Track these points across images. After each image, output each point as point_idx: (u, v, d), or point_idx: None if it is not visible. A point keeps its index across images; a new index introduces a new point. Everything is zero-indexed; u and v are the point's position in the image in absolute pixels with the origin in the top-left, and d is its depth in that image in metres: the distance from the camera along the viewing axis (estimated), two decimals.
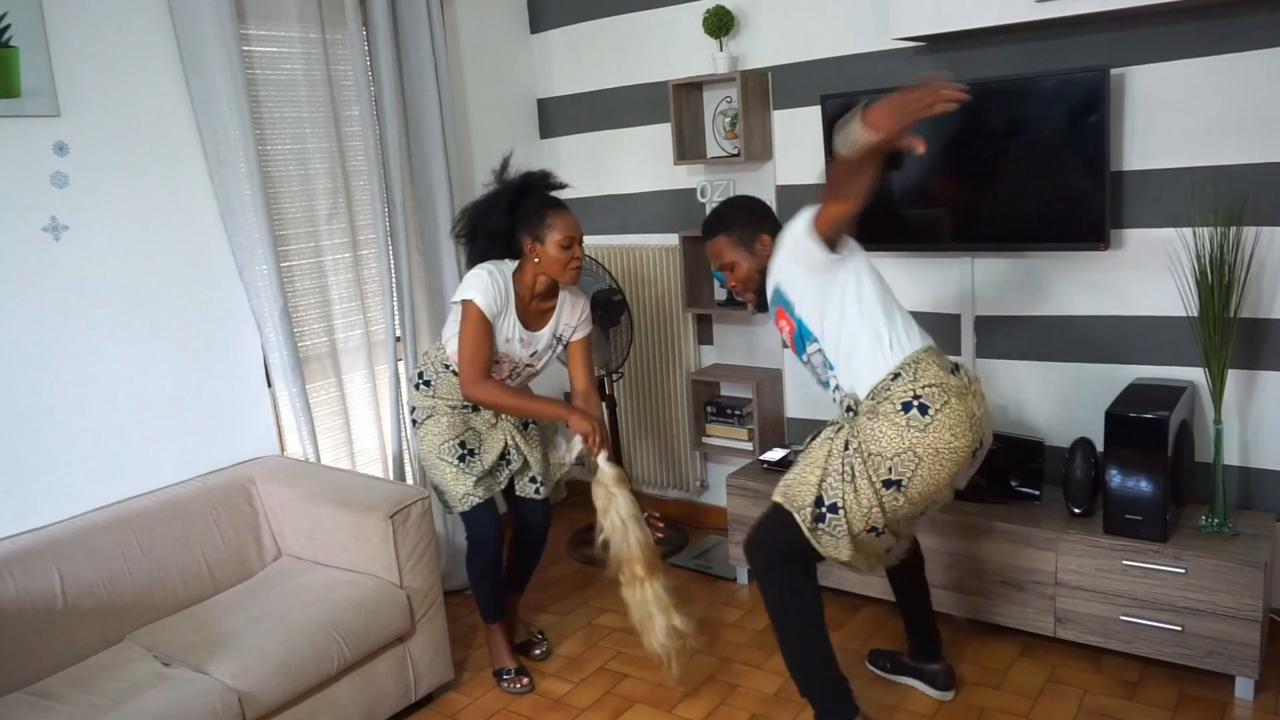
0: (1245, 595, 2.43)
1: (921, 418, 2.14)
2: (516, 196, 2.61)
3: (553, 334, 2.73)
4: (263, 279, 2.90)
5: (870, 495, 2.18)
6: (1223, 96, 2.61)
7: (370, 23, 3.17)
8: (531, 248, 2.57)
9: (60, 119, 2.52)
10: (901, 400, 2.16)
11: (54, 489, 2.55)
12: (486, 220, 2.63)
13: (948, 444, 2.15)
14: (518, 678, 2.85)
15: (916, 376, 2.17)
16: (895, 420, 2.15)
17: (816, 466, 2.24)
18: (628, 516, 2.51)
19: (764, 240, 2.38)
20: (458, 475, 2.70)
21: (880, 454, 2.15)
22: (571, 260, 2.57)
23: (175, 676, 2.25)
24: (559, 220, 2.56)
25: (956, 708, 2.60)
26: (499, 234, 2.62)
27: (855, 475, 2.18)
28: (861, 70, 3.18)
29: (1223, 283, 2.52)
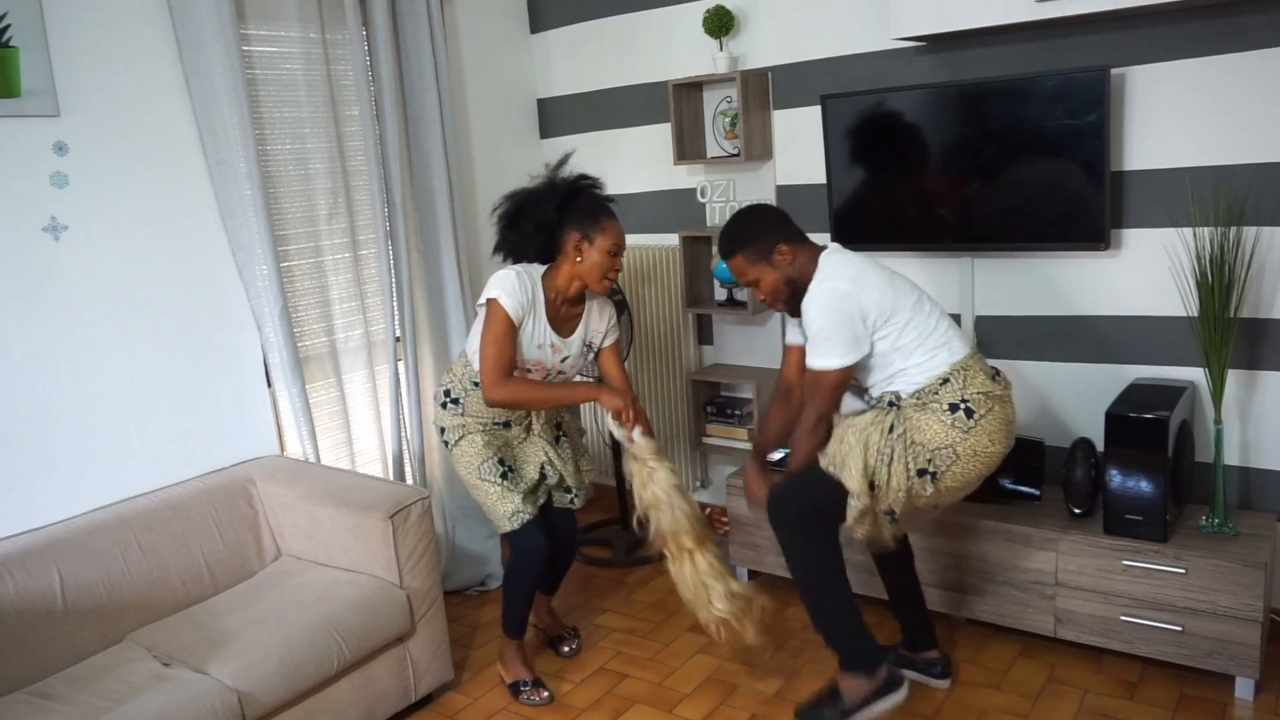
0: (1245, 595, 2.43)
1: (967, 420, 2.25)
2: (570, 194, 2.58)
3: (583, 340, 2.68)
4: (262, 279, 2.90)
5: (902, 479, 2.27)
6: (1223, 96, 2.60)
7: (370, 23, 3.17)
8: (577, 245, 2.51)
9: (60, 119, 2.52)
10: (949, 402, 2.26)
11: (54, 489, 2.55)
12: (535, 208, 2.56)
13: (985, 448, 2.27)
14: (535, 689, 2.78)
15: (965, 383, 2.27)
16: (942, 417, 2.25)
17: (868, 449, 2.29)
18: (670, 488, 2.45)
19: (781, 250, 2.38)
20: (503, 494, 2.63)
21: (923, 444, 2.26)
22: (611, 269, 2.53)
23: (175, 677, 2.25)
24: (612, 226, 2.53)
25: (957, 708, 2.60)
26: (544, 225, 2.56)
27: (893, 459, 2.27)
28: (861, 70, 3.18)
29: (1223, 283, 2.52)
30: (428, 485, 3.43)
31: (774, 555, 3.13)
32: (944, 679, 2.67)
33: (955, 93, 2.89)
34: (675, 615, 3.23)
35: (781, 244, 2.38)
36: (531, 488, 2.70)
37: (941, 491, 2.30)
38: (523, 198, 2.60)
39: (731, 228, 2.47)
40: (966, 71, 2.96)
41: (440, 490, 3.48)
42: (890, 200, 3.11)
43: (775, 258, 2.38)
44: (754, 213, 2.51)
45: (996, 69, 2.91)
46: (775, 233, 2.41)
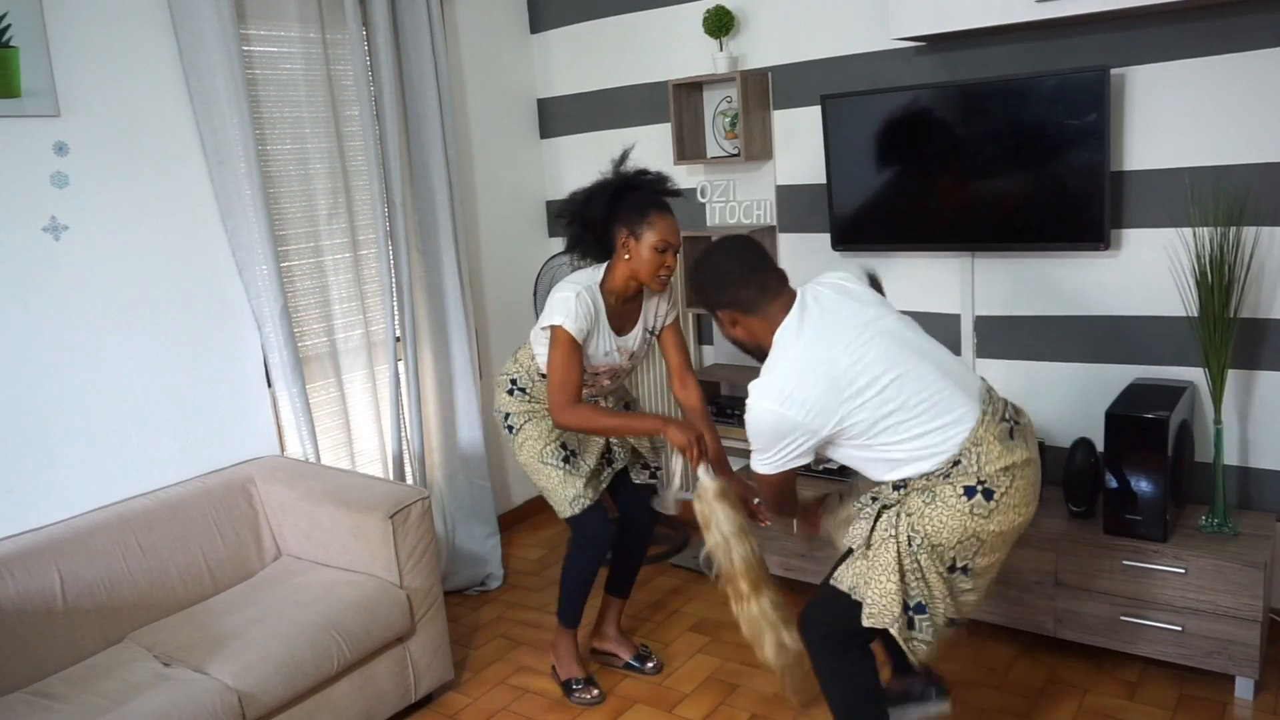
0: (1245, 595, 2.43)
1: (986, 503, 1.92)
2: (623, 189, 2.50)
3: (644, 329, 2.66)
4: (262, 279, 2.90)
5: (941, 587, 1.97)
6: (1223, 96, 2.60)
7: (370, 23, 3.17)
8: (625, 243, 2.47)
9: (60, 119, 2.52)
10: (964, 485, 1.93)
11: (54, 489, 2.55)
12: (587, 206, 2.52)
13: (1012, 522, 1.96)
14: (588, 687, 2.76)
15: (981, 463, 1.92)
16: (956, 506, 1.93)
17: (892, 571, 1.96)
18: (730, 532, 2.28)
19: (719, 317, 2.14)
20: (565, 478, 2.62)
21: (943, 545, 1.95)
22: (663, 267, 2.46)
23: (175, 676, 2.25)
24: (660, 222, 2.44)
25: (957, 708, 2.59)
26: (593, 223, 2.52)
27: (925, 570, 1.96)
28: (861, 70, 3.18)
29: (1223, 283, 2.52)
30: (428, 485, 3.43)
31: (800, 560, 3.13)
32: (944, 699, 2.40)
33: (955, 93, 2.89)
34: (675, 615, 3.24)
35: (720, 311, 2.12)
36: (594, 472, 2.69)
37: (978, 574, 2.01)
38: (580, 197, 2.56)
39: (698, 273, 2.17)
40: (967, 72, 2.96)
41: (440, 490, 3.48)
42: (890, 200, 3.11)
43: (722, 319, 2.13)
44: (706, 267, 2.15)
45: (996, 69, 2.91)
46: (722, 294, 2.09)
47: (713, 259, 2.13)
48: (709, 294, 2.13)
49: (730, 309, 2.09)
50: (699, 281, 2.15)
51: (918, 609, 1.98)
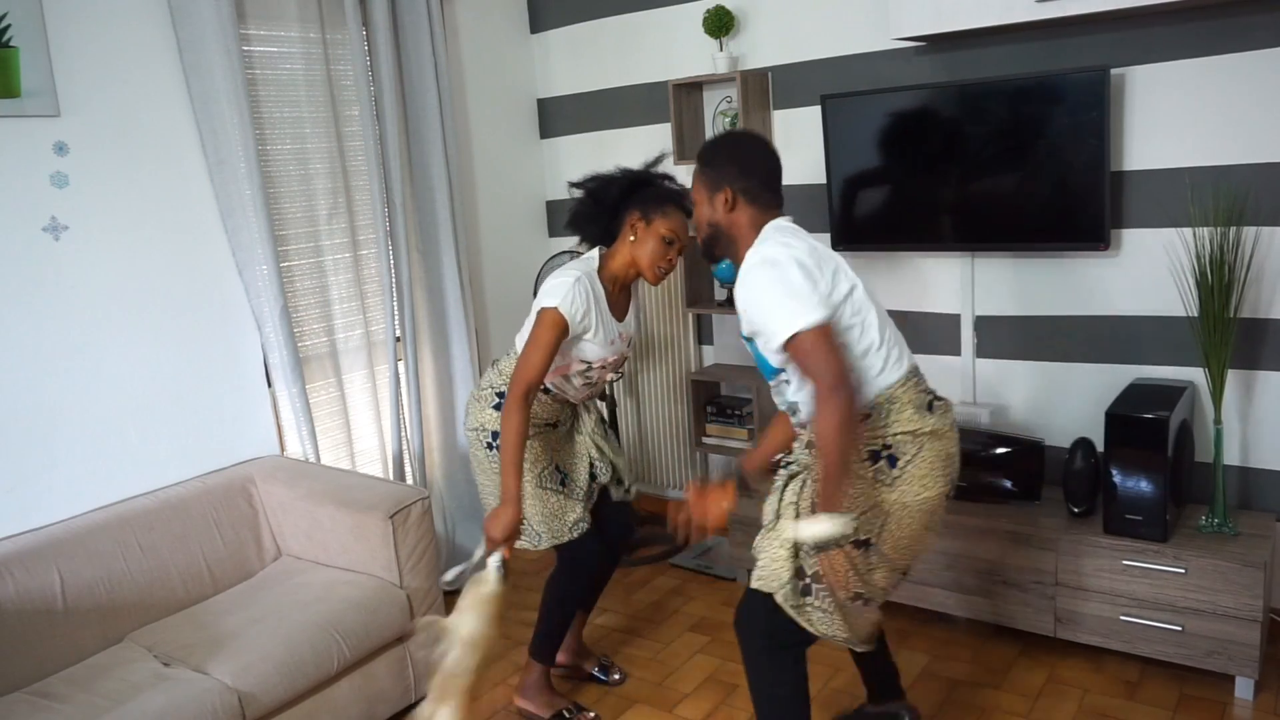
0: (1245, 595, 2.43)
1: (890, 470, 1.92)
2: (645, 184, 2.47)
3: (634, 315, 2.62)
4: (262, 279, 2.90)
5: (842, 559, 1.91)
6: (1223, 96, 2.60)
7: (370, 22, 3.17)
8: (635, 224, 2.41)
9: (60, 119, 2.52)
10: (869, 449, 1.92)
11: (54, 489, 2.55)
12: (606, 186, 2.47)
13: (916, 496, 1.93)
14: (581, 713, 2.65)
15: (889, 421, 1.93)
16: (860, 473, 1.92)
17: (787, 540, 1.97)
18: (467, 638, 2.14)
19: (726, 194, 2.03)
20: (565, 503, 2.55)
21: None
22: (664, 259, 2.41)
23: (175, 676, 2.24)
24: (676, 215, 2.40)
25: (957, 708, 2.60)
26: (605, 203, 2.45)
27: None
28: (861, 70, 3.18)
29: (1223, 283, 2.52)
30: (428, 485, 3.43)
31: None
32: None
33: (955, 93, 2.89)
34: (675, 615, 3.24)
35: (728, 190, 2.03)
36: (586, 492, 2.62)
37: (888, 556, 1.97)
38: (601, 175, 2.50)
39: (713, 142, 2.16)
40: (967, 72, 2.96)
41: (440, 490, 3.48)
42: (890, 200, 3.11)
43: (718, 198, 2.05)
44: (736, 144, 2.12)
45: (997, 69, 2.91)
46: (737, 176, 2.03)
47: (753, 145, 2.10)
48: (729, 169, 2.04)
49: (741, 194, 2.03)
50: (729, 151, 2.08)
51: (815, 578, 1.96)
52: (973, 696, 2.64)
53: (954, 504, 2.85)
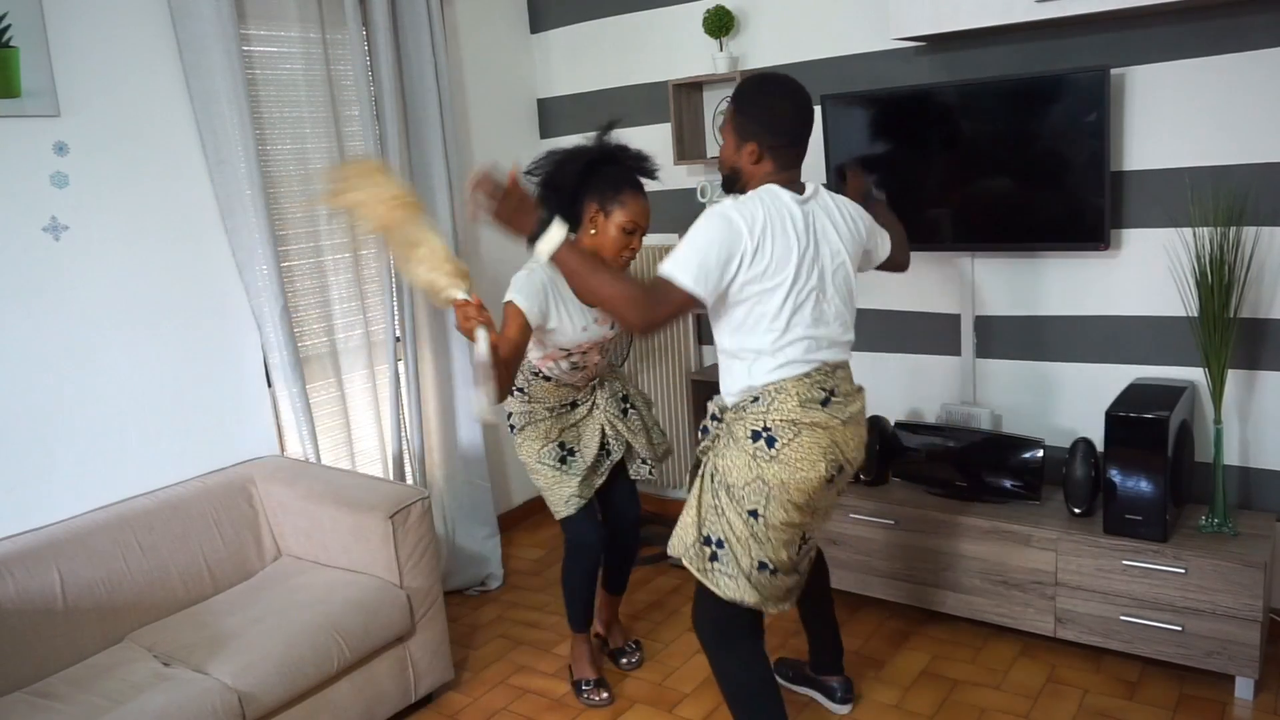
0: (1245, 595, 2.42)
1: (768, 449, 2.03)
2: (600, 161, 2.38)
3: None
4: (263, 279, 2.90)
5: (741, 527, 2.06)
6: (1223, 96, 2.60)
7: (370, 22, 3.17)
8: (593, 217, 2.36)
9: (60, 119, 2.51)
10: (751, 428, 2.04)
11: (54, 489, 2.55)
12: (560, 169, 2.38)
13: (794, 474, 2.02)
14: (597, 689, 2.74)
15: (770, 407, 2.03)
16: (745, 447, 2.04)
17: (692, 506, 2.15)
18: None
19: (753, 148, 2.06)
20: (560, 478, 2.61)
21: (734, 484, 2.05)
22: (627, 249, 2.38)
23: (175, 676, 2.24)
24: (633, 202, 2.34)
25: (956, 708, 2.60)
26: (562, 188, 2.37)
27: (724, 508, 2.07)
28: (861, 70, 3.18)
29: (1223, 283, 2.51)
30: (428, 485, 3.43)
31: None
32: (845, 704, 2.60)
33: (955, 93, 2.89)
34: (675, 615, 3.23)
35: (755, 145, 2.06)
36: (591, 468, 2.65)
37: (777, 528, 2.06)
38: (556, 157, 2.42)
39: (753, 87, 2.10)
40: (966, 72, 2.96)
41: (440, 490, 3.48)
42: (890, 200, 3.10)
43: (745, 145, 2.07)
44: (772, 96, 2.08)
45: (997, 69, 2.90)
46: (768, 134, 2.05)
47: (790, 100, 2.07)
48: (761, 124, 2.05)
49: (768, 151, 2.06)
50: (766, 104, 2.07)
51: (719, 544, 2.09)
52: (972, 696, 2.64)
53: (955, 504, 2.90)
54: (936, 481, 3.01)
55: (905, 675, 2.76)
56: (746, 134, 2.08)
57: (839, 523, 3.04)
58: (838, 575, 3.05)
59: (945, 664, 2.80)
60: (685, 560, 2.15)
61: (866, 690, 2.70)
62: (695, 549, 2.13)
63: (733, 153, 2.12)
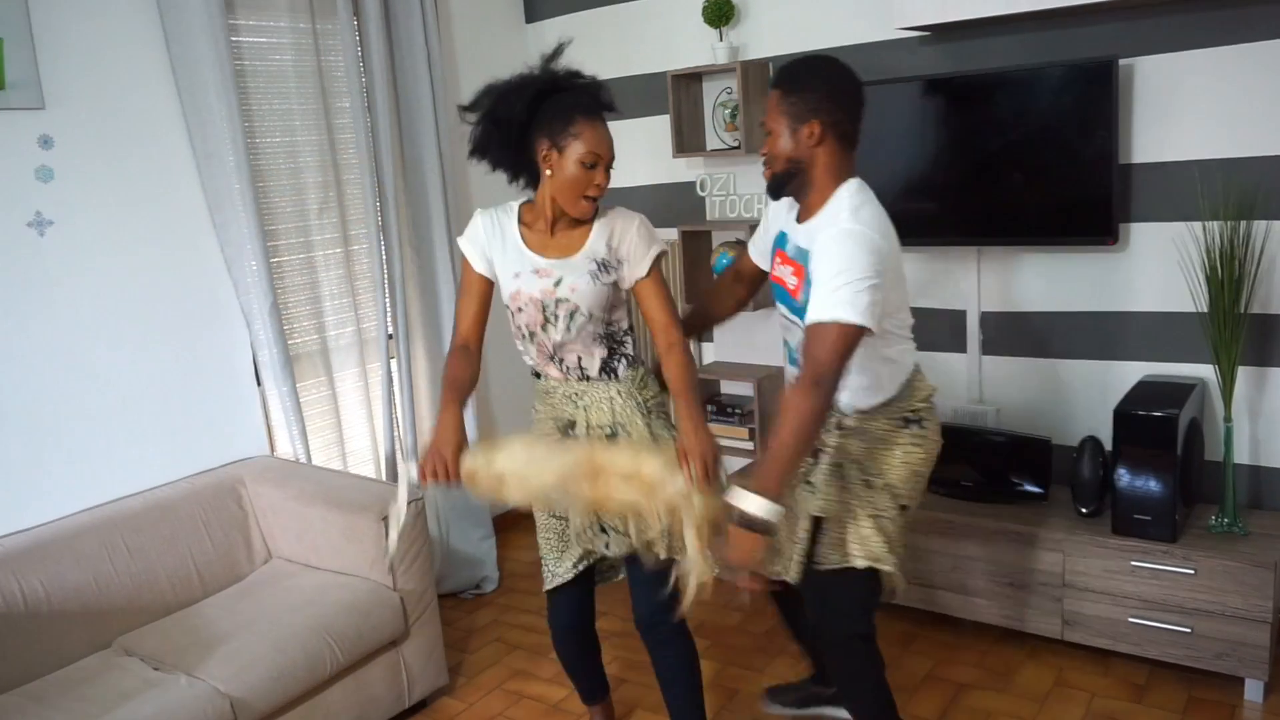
0: (1255, 596, 2.40)
1: (921, 430, 2.03)
2: (549, 91, 2.01)
3: (590, 259, 2.05)
4: (252, 275, 2.85)
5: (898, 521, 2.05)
6: (1233, 87, 2.56)
7: (361, 12, 3.11)
8: (546, 156, 1.98)
9: (45, 111, 2.47)
10: (901, 416, 2.02)
11: (39, 490, 2.51)
12: (504, 104, 2.01)
13: (935, 447, 2.08)
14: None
15: (916, 391, 2.05)
16: (899, 442, 2.02)
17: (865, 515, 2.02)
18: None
19: (814, 127, 1.90)
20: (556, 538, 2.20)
21: (895, 484, 2.02)
22: (591, 185, 1.98)
23: (165, 682, 2.21)
24: (589, 130, 1.96)
25: (963, 711, 2.56)
26: (508, 122, 2.01)
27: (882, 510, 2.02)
28: (865, 61, 3.12)
29: (1233, 278, 2.48)
30: (421, 486, 3.38)
31: None
32: None
33: (960, 84, 2.85)
34: None
35: (817, 123, 1.89)
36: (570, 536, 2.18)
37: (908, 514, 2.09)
38: (498, 90, 2.05)
39: (803, 64, 1.96)
40: (972, 62, 2.92)
41: (433, 491, 3.44)
42: (894, 194, 3.04)
43: (803, 130, 1.90)
44: (829, 67, 1.95)
45: (1002, 60, 2.86)
46: (830, 107, 1.90)
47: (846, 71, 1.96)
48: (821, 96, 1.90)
49: (832, 128, 1.91)
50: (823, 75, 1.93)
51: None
52: (979, 700, 2.61)
53: (959, 504, 2.87)
54: (941, 481, 2.96)
55: (910, 679, 2.73)
56: (803, 113, 1.90)
57: None
58: None
59: (951, 667, 2.77)
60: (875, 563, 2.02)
61: None
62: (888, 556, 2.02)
63: (786, 141, 1.93)
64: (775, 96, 1.95)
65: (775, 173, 1.98)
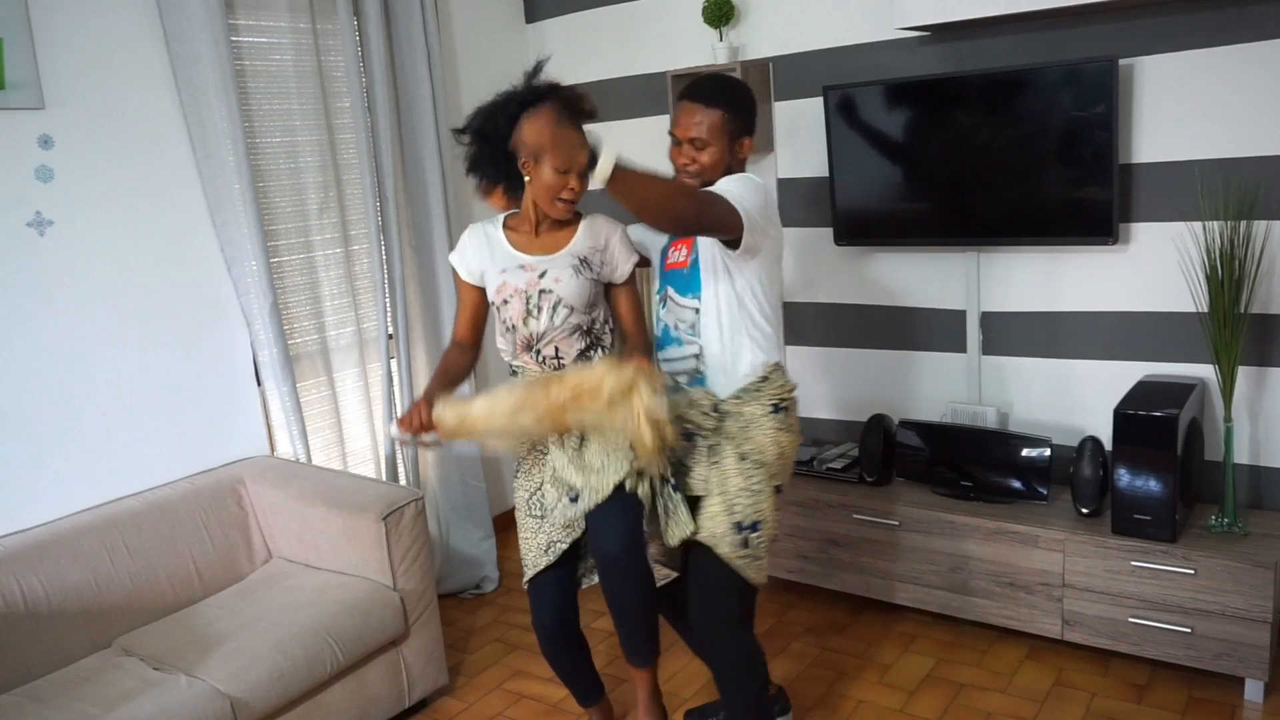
0: (1255, 596, 2.39)
1: (788, 417, 2.17)
2: (529, 102, 2.12)
3: (576, 257, 2.15)
4: (252, 275, 2.85)
5: (770, 508, 2.14)
6: (1233, 87, 2.56)
7: (361, 12, 3.11)
8: (525, 164, 2.10)
9: (45, 111, 2.47)
10: (770, 403, 2.13)
11: (39, 490, 2.50)
12: (490, 121, 2.14)
13: (797, 440, 2.21)
14: None
15: (784, 381, 2.18)
16: (773, 423, 2.13)
17: (716, 492, 2.09)
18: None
19: (749, 143, 2.17)
20: (533, 533, 2.24)
21: (768, 462, 2.13)
22: (565, 188, 2.07)
23: (165, 682, 2.21)
24: None
25: (963, 711, 2.56)
26: (494, 138, 2.12)
27: (762, 489, 2.11)
28: (864, 61, 3.13)
29: (1233, 278, 2.48)
30: (421, 486, 3.39)
31: (802, 562, 3.08)
32: (786, 714, 2.50)
33: (961, 84, 2.84)
34: None
35: (749, 139, 2.17)
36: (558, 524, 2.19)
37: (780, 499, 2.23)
38: (481, 109, 2.18)
39: (732, 84, 2.19)
40: (972, 62, 2.91)
41: (434, 491, 3.44)
42: (894, 194, 3.07)
43: (737, 146, 2.14)
44: (750, 93, 2.20)
45: (1003, 60, 2.86)
46: (752, 126, 2.17)
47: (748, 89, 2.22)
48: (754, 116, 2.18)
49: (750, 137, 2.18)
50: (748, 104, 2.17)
51: (752, 527, 2.10)
52: (978, 700, 2.60)
53: (959, 504, 2.87)
54: (941, 481, 2.97)
55: (910, 679, 2.73)
56: (739, 132, 2.15)
57: (841, 523, 3.00)
58: (840, 577, 3.02)
59: (951, 667, 2.77)
60: (718, 548, 2.08)
61: (871, 695, 2.66)
62: (729, 537, 2.08)
63: (722, 154, 2.13)
64: (719, 116, 2.11)
65: (704, 183, 2.12)
